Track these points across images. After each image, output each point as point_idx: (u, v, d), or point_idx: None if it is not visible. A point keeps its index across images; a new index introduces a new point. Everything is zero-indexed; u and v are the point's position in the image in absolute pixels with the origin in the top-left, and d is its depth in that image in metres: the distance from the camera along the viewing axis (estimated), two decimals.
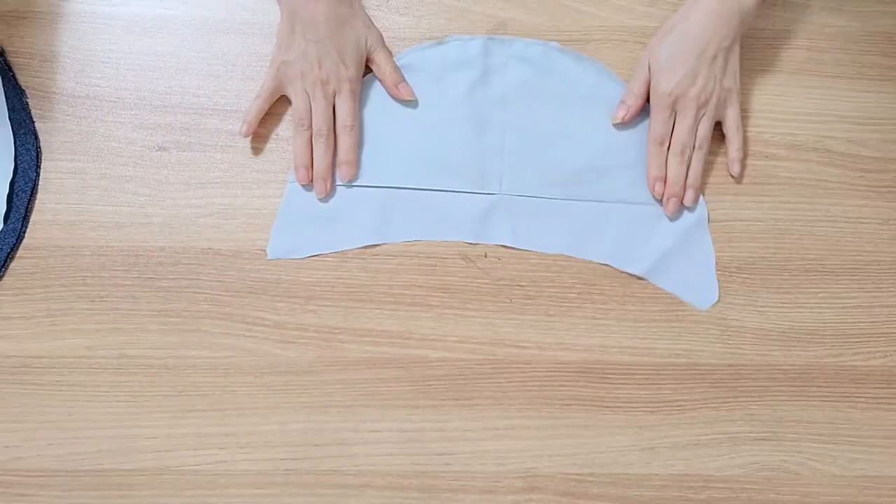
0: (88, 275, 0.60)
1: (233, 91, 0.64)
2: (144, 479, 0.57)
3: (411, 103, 0.64)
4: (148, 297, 0.60)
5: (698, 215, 0.63)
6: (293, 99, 0.63)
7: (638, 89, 0.64)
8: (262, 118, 0.63)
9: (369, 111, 0.64)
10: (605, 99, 0.65)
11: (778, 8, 0.68)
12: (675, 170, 0.62)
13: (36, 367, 0.59)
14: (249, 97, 0.64)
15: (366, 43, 0.63)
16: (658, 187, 0.63)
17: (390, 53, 0.65)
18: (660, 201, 0.63)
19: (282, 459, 0.58)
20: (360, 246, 0.62)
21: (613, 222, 0.63)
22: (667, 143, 0.63)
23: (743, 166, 0.64)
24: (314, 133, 0.62)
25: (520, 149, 0.64)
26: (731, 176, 0.64)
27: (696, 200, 0.63)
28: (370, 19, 0.65)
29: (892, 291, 0.63)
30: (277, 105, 0.64)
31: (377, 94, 0.65)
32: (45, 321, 0.59)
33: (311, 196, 0.63)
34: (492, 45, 0.66)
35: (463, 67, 0.65)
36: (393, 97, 0.64)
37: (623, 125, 0.64)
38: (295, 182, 0.62)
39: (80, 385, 0.58)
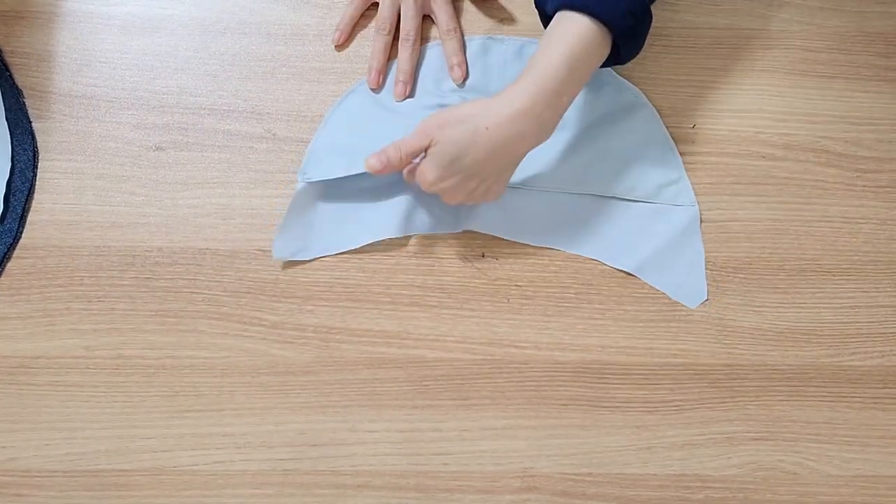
0: (85, 275, 0.60)
1: (230, 91, 0.64)
2: (141, 480, 0.57)
3: (413, 102, 0.65)
4: (145, 298, 0.60)
5: (691, 215, 0.63)
6: (381, 3, 0.64)
7: (407, 147, 0.56)
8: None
9: (366, 111, 0.64)
10: (602, 94, 0.65)
11: (774, 8, 0.68)
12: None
13: (33, 368, 0.59)
14: (247, 97, 0.64)
15: None
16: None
17: None
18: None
19: (279, 460, 0.58)
20: (363, 244, 0.62)
21: (606, 218, 0.63)
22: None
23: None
24: (402, 37, 0.64)
25: None
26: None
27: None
28: None
29: (889, 292, 0.63)
30: (275, 104, 0.64)
31: (374, 95, 0.65)
32: (42, 321, 0.59)
33: (318, 198, 0.62)
34: (491, 44, 0.66)
35: None
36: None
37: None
38: (304, 183, 0.62)
39: (77, 385, 0.58)
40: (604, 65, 0.57)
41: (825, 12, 0.68)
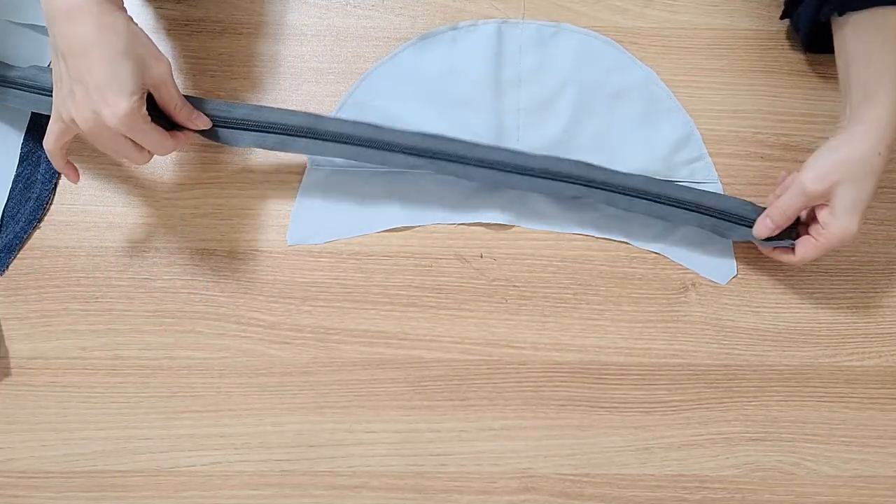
0: (82, 275, 0.60)
1: (228, 91, 0.64)
2: (139, 481, 0.57)
3: (428, 89, 0.64)
4: (142, 298, 0.60)
5: (715, 190, 0.63)
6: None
7: (791, 210, 0.56)
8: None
9: (384, 94, 0.64)
10: (617, 75, 0.65)
11: (773, 9, 0.68)
12: None
13: (30, 368, 0.58)
14: (245, 97, 0.64)
15: None
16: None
17: None
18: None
19: (277, 460, 0.58)
20: (378, 230, 0.62)
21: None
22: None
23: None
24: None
25: (535, 130, 0.64)
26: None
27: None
28: None
29: (886, 292, 0.63)
30: (273, 104, 0.64)
31: (391, 79, 0.64)
32: (39, 322, 0.59)
33: (331, 181, 0.62)
34: (505, 28, 0.66)
35: (477, 51, 0.65)
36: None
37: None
38: (315, 168, 0.62)
39: (74, 386, 0.58)
40: None
41: None
